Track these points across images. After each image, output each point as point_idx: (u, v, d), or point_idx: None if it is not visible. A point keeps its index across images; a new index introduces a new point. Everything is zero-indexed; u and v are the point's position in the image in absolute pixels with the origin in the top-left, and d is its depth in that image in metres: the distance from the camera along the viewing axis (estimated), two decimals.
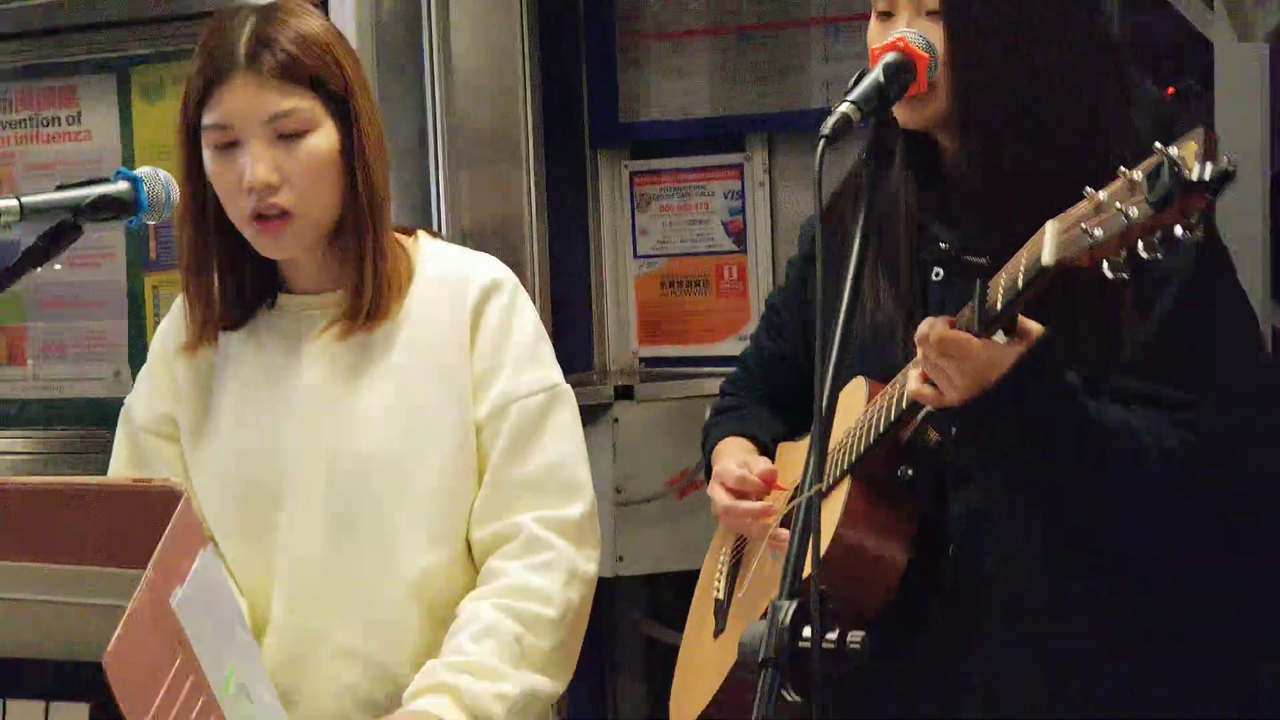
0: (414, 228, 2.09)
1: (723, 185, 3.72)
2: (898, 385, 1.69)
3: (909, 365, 1.65)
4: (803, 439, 1.97)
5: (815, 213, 1.52)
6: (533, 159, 3.45)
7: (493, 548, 1.96)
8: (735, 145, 3.70)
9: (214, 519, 1.96)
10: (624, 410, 3.63)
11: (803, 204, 3.57)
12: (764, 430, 2.04)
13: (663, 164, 3.77)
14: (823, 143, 1.51)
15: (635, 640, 3.80)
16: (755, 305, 3.64)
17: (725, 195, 3.72)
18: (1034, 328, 1.56)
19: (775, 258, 3.65)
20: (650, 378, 3.77)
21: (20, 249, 1.78)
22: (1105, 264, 1.41)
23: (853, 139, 1.65)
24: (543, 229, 3.52)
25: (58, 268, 3.43)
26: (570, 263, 3.72)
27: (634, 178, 3.78)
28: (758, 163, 3.69)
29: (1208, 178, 1.30)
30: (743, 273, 3.72)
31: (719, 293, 3.74)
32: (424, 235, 2.08)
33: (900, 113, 1.74)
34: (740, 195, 3.71)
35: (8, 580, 1.33)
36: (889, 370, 1.75)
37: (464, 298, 1.98)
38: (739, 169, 3.71)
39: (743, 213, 3.71)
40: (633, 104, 3.74)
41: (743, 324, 3.64)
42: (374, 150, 1.94)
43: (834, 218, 1.79)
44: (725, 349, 3.62)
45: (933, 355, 1.56)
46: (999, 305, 1.52)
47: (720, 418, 2.10)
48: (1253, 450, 1.73)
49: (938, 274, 1.79)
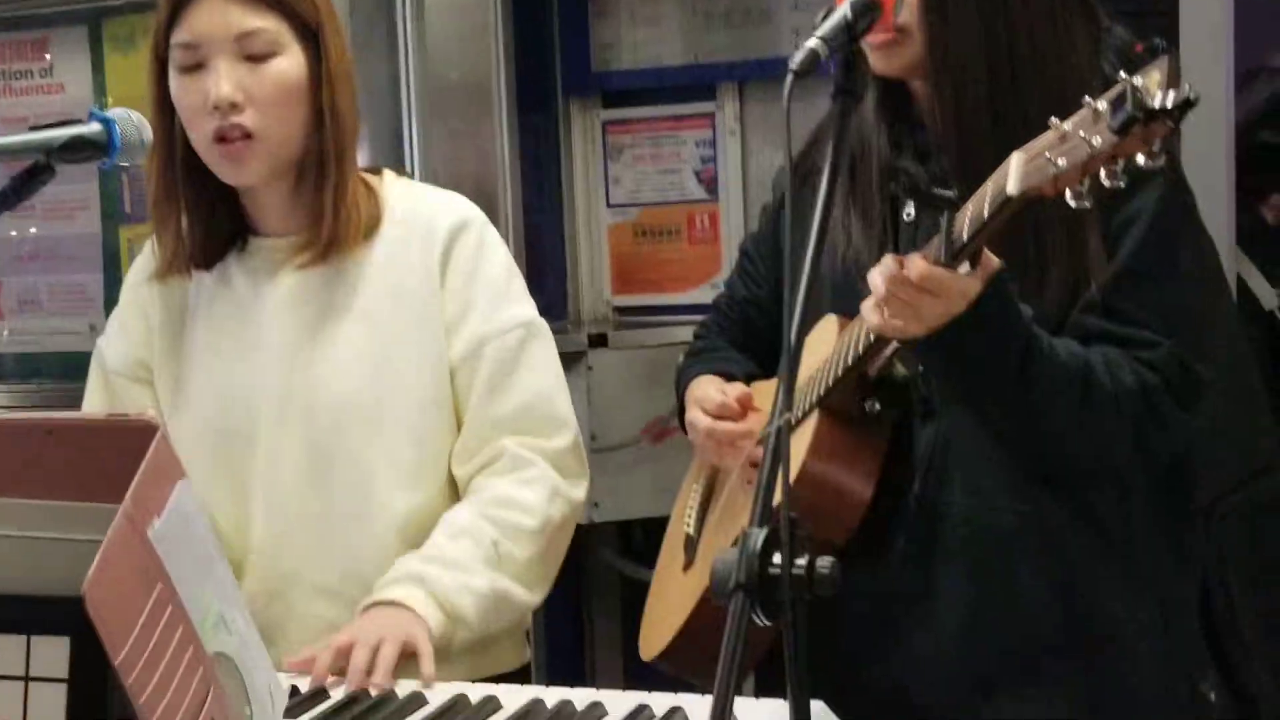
0: (380, 168, 2.09)
1: (694, 134, 3.73)
2: (864, 317, 1.70)
3: (867, 301, 1.66)
4: (775, 378, 1.98)
5: (785, 144, 1.52)
6: (505, 109, 3.45)
7: (479, 471, 1.97)
8: (707, 94, 3.70)
9: (190, 462, 1.94)
10: (598, 358, 3.65)
11: (774, 152, 3.58)
12: (737, 369, 2.05)
13: (635, 113, 3.78)
14: (790, 77, 1.51)
15: (610, 578, 3.83)
16: (727, 253, 3.65)
17: (697, 144, 3.73)
18: (995, 261, 1.58)
19: (747, 206, 3.66)
20: (624, 326, 3.80)
21: None
22: (1069, 193, 1.42)
23: (824, 86, 1.67)
24: (516, 179, 3.52)
25: (33, 230, 3.47)
26: (544, 212, 3.73)
27: (606, 127, 3.79)
28: (729, 111, 3.69)
29: (1170, 105, 1.32)
30: (715, 221, 3.73)
31: (691, 241, 3.75)
32: (389, 174, 2.08)
33: (876, 61, 1.77)
34: (712, 144, 3.72)
35: None
36: (859, 306, 1.75)
37: (432, 238, 1.98)
38: (710, 118, 3.71)
39: (714, 161, 3.72)
40: (605, 53, 3.73)
41: (715, 272, 3.65)
42: (341, 83, 1.94)
43: (807, 166, 1.80)
44: (698, 297, 3.63)
45: (908, 291, 1.58)
46: (965, 235, 1.54)
47: (693, 359, 2.12)
48: (1209, 393, 1.75)
49: (909, 215, 1.80)
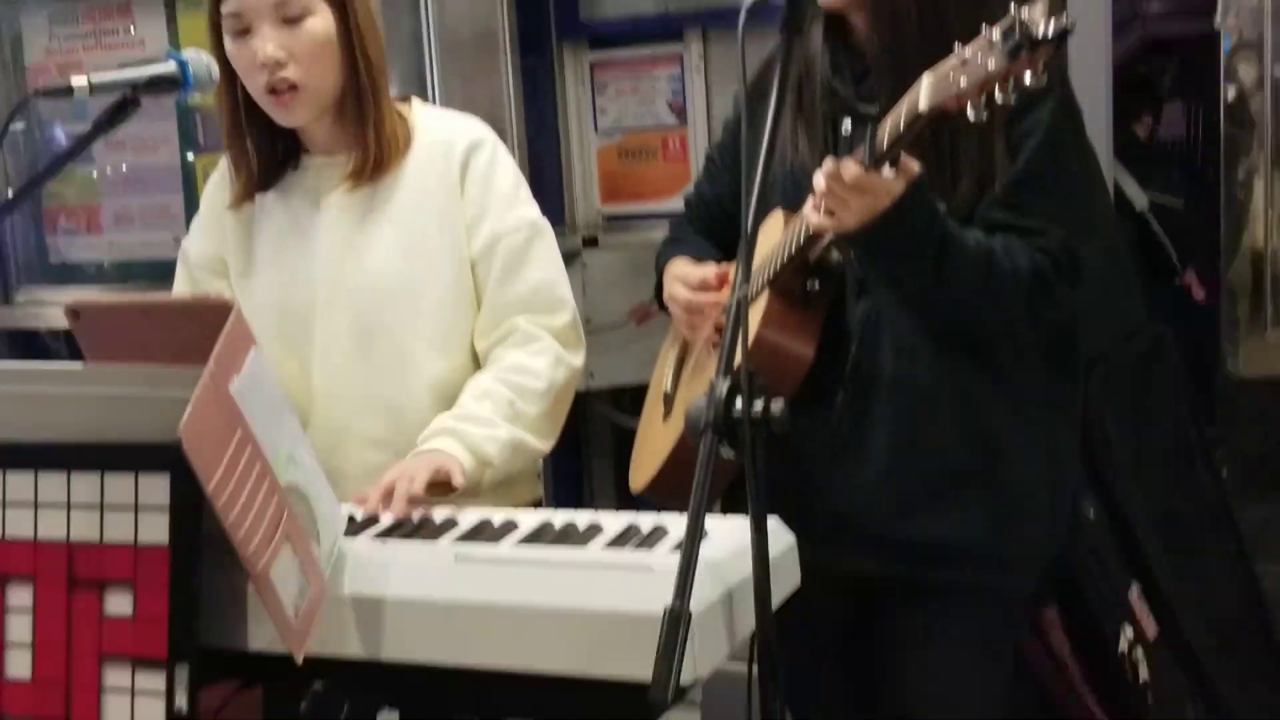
0: (409, 96, 2.08)
1: (666, 71, 3.68)
2: (805, 214, 1.70)
3: (809, 200, 1.67)
4: (735, 261, 1.99)
5: (740, 68, 1.51)
6: (509, 53, 3.40)
7: (495, 344, 1.98)
8: (676, 38, 3.64)
9: (258, 339, 1.97)
10: (590, 256, 3.65)
11: (732, 86, 3.54)
12: (704, 254, 2.04)
13: (617, 55, 3.72)
14: (744, 13, 1.52)
15: (604, 427, 3.84)
16: (694, 170, 3.60)
17: (668, 80, 3.69)
18: (914, 165, 1.58)
19: (710, 131, 3.61)
20: (611, 230, 3.77)
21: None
22: (970, 108, 1.43)
23: (772, 29, 1.67)
24: (520, 111, 3.48)
25: (124, 164, 3.47)
26: (543, 139, 3.70)
27: (593, 66, 3.73)
28: (694, 52, 3.65)
29: (1050, 34, 1.34)
30: (684, 143, 3.69)
31: (665, 159, 3.72)
32: (417, 101, 2.06)
33: None
34: (680, 80, 3.67)
35: (101, 379, 1.34)
36: (804, 205, 1.76)
37: (452, 155, 1.98)
38: (679, 58, 3.66)
39: (683, 95, 3.68)
40: (591, 5, 3.69)
41: (685, 184, 3.58)
42: (368, 33, 1.92)
43: (761, 87, 1.78)
44: (671, 205, 3.57)
45: (839, 189, 1.58)
46: (885, 144, 1.54)
47: (669, 245, 2.11)
48: (1089, 273, 1.76)
49: (846, 129, 1.79)
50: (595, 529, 1.53)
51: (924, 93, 1.47)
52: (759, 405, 1.31)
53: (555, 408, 1.96)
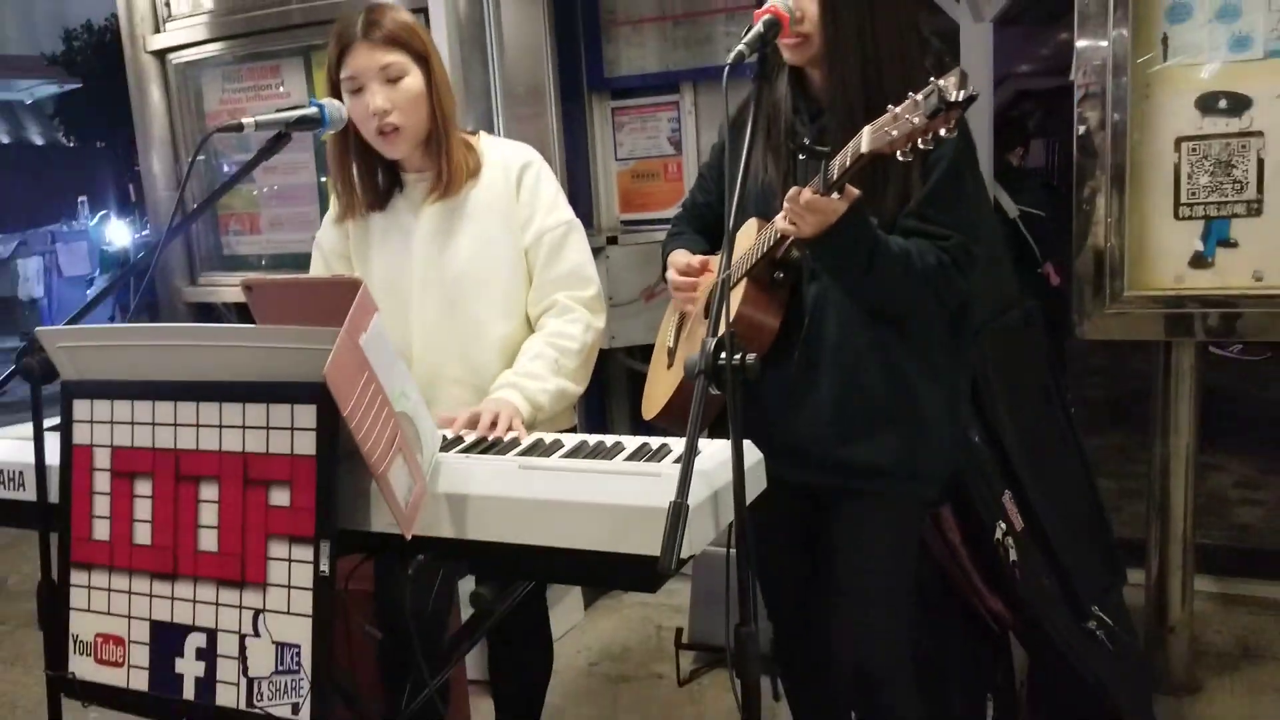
0: (477, 130, 2.07)
1: (667, 114, 3.67)
2: (774, 223, 1.70)
3: (779, 214, 1.66)
4: (718, 253, 1.99)
5: (724, 108, 1.51)
6: (553, 101, 3.40)
7: (542, 314, 1.98)
8: (674, 90, 3.64)
9: None
10: (612, 251, 3.65)
11: (715, 123, 3.51)
12: (697, 247, 2.04)
13: (630, 102, 3.71)
14: (727, 69, 1.52)
15: (621, 373, 3.84)
16: (688, 185, 3.58)
17: (669, 121, 3.68)
18: (854, 191, 1.57)
19: (699, 156, 3.60)
20: (627, 232, 3.75)
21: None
22: (899, 152, 1.43)
23: (746, 81, 1.66)
24: (561, 143, 3.47)
25: (275, 186, 3.48)
26: (578, 163, 3.69)
27: (614, 111, 3.72)
28: (688, 100, 3.63)
29: (960, 99, 1.34)
30: (680, 167, 3.68)
31: (666, 179, 3.71)
32: (484, 134, 2.06)
33: (788, 54, 1.75)
34: (678, 120, 3.67)
35: (267, 336, 1.35)
36: (771, 214, 1.75)
37: (510, 172, 1.98)
38: (676, 104, 3.66)
39: (679, 131, 3.67)
40: (612, 66, 3.66)
41: (681, 198, 3.60)
42: (444, 89, 1.92)
43: (739, 122, 1.77)
44: (671, 214, 3.59)
45: (799, 208, 1.58)
46: (835, 176, 1.54)
47: (671, 240, 2.10)
48: (978, 265, 1.75)
49: (801, 158, 1.78)
50: (618, 446, 1.54)
51: (865, 140, 1.46)
52: (738, 358, 1.32)
53: (587, 361, 1.97)
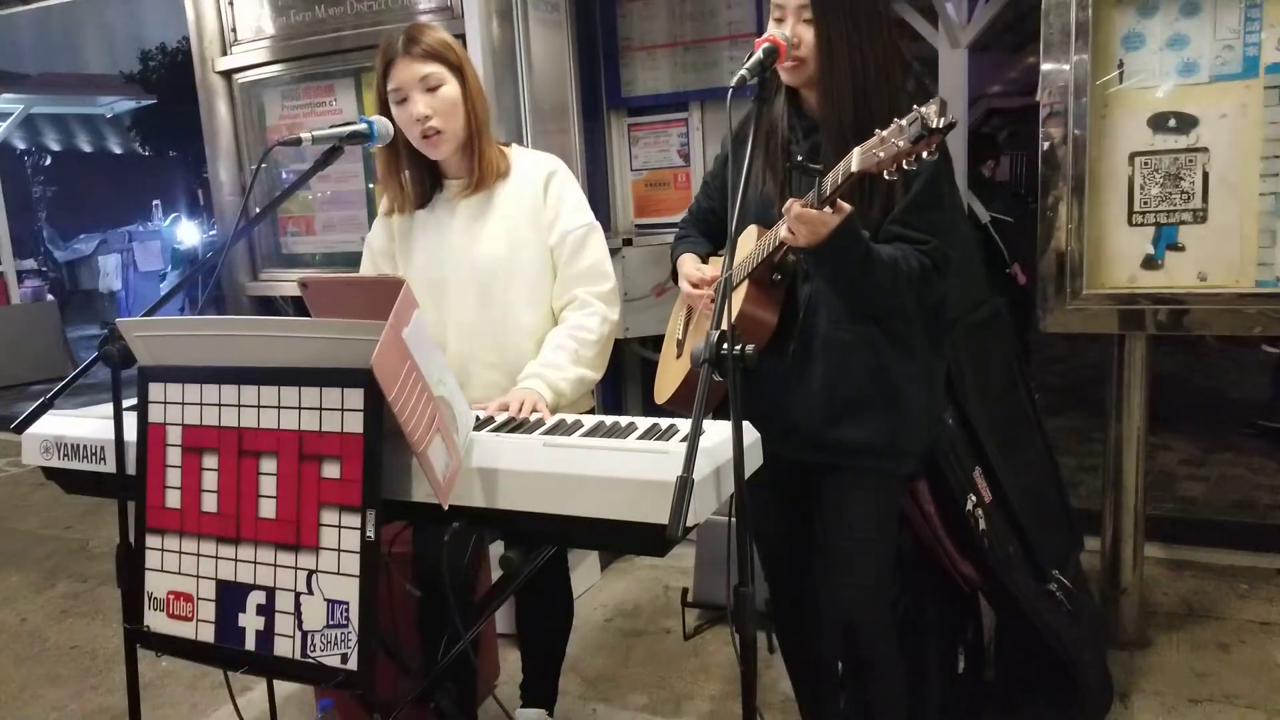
0: (510, 142, 2.07)
1: (676, 130, 3.66)
2: (773, 231, 1.69)
3: (779, 223, 1.65)
4: (721, 255, 1.98)
5: (728, 125, 1.52)
6: (576, 117, 3.38)
7: (564, 307, 1.97)
8: (683, 108, 3.62)
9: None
10: (627, 252, 3.61)
11: (719, 138, 3.52)
12: (702, 249, 2.03)
13: (644, 119, 3.69)
14: (730, 91, 1.51)
15: (635, 361, 3.83)
16: (694, 193, 3.60)
17: (678, 135, 3.66)
18: (846, 206, 1.56)
19: (705, 167, 3.59)
20: (640, 235, 3.74)
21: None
22: (885, 172, 1.41)
23: (750, 96, 1.65)
24: (582, 155, 3.46)
25: (328, 192, 3.48)
26: (597, 173, 3.67)
27: (630, 127, 3.71)
28: (695, 117, 3.61)
29: (941, 126, 1.32)
30: (688, 177, 3.67)
31: (675, 188, 3.70)
32: (515, 146, 2.05)
33: (785, 77, 1.73)
34: (686, 136, 3.65)
35: (321, 327, 1.34)
36: (770, 221, 1.75)
37: (537, 178, 1.97)
38: (685, 121, 3.64)
39: (687, 145, 3.65)
40: (628, 86, 3.65)
41: (688, 204, 3.61)
42: (478, 96, 1.91)
43: (740, 136, 1.76)
44: (679, 218, 3.60)
45: (793, 220, 1.57)
46: (828, 192, 1.52)
47: (679, 242, 2.09)
48: (953, 267, 1.74)
49: (797, 163, 1.77)
50: (632, 426, 1.54)
51: (855, 161, 1.45)
52: (738, 348, 1.32)
53: (604, 350, 1.96)
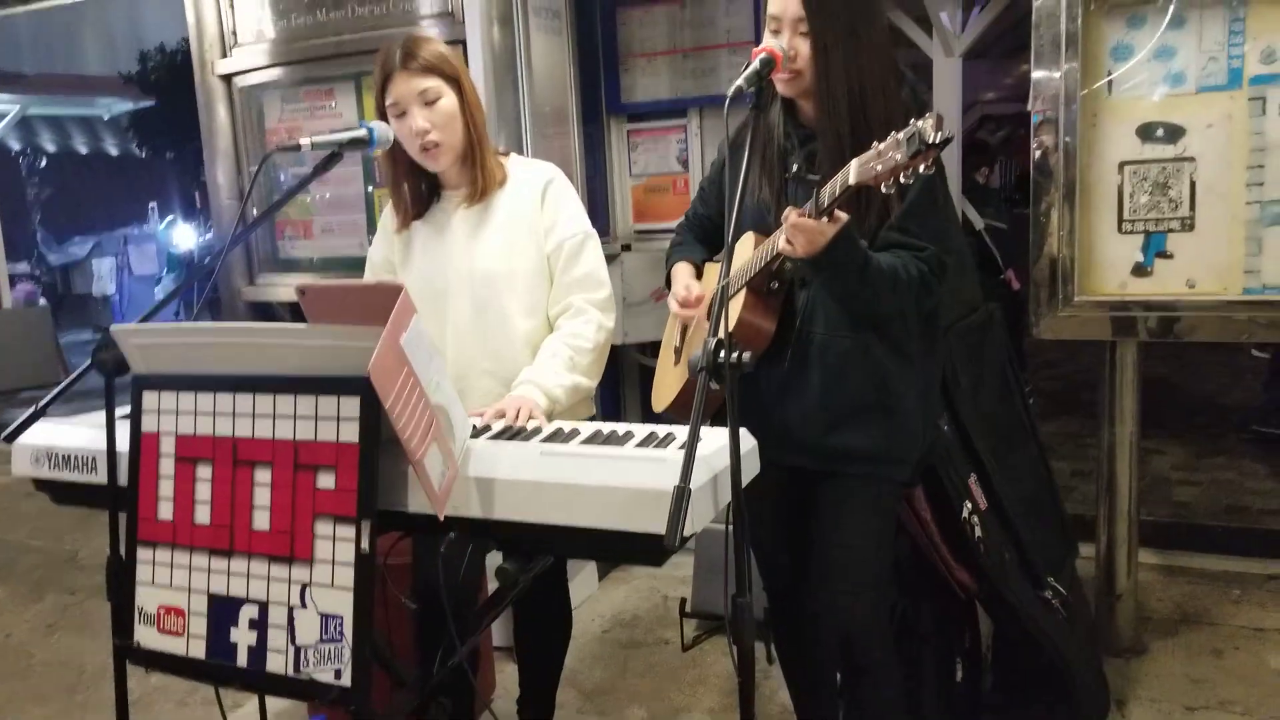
0: (509, 150, 2.05)
1: (675, 136, 3.65)
2: (771, 240, 1.68)
3: (777, 231, 1.64)
4: (717, 263, 1.97)
5: (724, 133, 1.51)
6: (576, 123, 3.37)
7: (560, 315, 1.95)
8: (682, 114, 3.61)
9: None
10: (627, 257, 3.60)
11: (717, 144, 3.51)
12: (697, 256, 2.02)
13: (643, 125, 3.68)
14: (728, 100, 1.50)
15: (633, 368, 3.82)
16: (693, 198, 3.60)
17: (677, 141, 3.66)
18: (843, 216, 1.55)
19: (704, 173, 3.58)
20: (640, 240, 3.72)
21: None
22: (882, 185, 1.41)
23: (747, 104, 1.64)
24: (582, 161, 3.44)
25: (327, 195, 3.47)
26: (597, 179, 3.66)
27: (629, 133, 3.71)
28: (694, 124, 3.61)
29: (938, 141, 1.32)
30: (686, 183, 3.66)
31: (674, 193, 3.69)
32: (514, 154, 2.04)
33: (782, 87, 1.73)
34: (684, 142, 3.64)
35: (318, 334, 1.33)
36: (767, 230, 1.74)
37: (535, 186, 1.95)
38: (684, 127, 3.63)
39: (686, 151, 3.65)
40: (628, 93, 3.64)
41: (686, 209, 3.61)
42: (475, 108, 1.89)
43: (737, 144, 1.75)
44: (676, 224, 3.61)
45: (791, 230, 1.56)
46: (825, 203, 1.52)
47: (674, 249, 2.08)
48: (949, 273, 1.73)
49: (793, 171, 1.76)
50: (629, 434, 1.52)
51: (852, 173, 1.44)
52: (734, 356, 1.30)
53: (599, 357, 1.95)
